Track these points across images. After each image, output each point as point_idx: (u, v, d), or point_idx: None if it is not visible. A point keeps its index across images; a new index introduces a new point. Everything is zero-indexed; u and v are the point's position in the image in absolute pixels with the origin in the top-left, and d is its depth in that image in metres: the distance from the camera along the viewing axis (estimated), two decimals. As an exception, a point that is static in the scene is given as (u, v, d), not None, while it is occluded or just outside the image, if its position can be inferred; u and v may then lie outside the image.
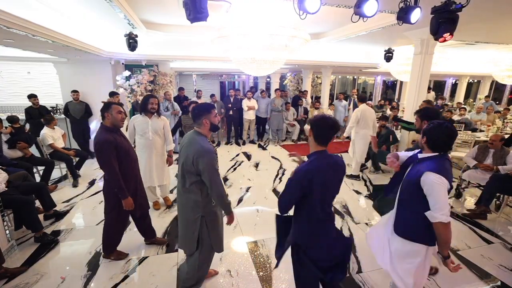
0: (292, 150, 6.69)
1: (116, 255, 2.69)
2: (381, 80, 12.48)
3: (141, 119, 3.29)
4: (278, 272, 2.52)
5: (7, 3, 2.55)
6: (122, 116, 2.42)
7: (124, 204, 2.40)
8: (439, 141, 1.63)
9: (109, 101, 2.50)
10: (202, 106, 1.97)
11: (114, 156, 2.30)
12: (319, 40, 5.76)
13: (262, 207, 3.83)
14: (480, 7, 3.08)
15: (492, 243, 3.07)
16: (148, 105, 3.24)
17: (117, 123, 2.40)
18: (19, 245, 2.87)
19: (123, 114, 2.42)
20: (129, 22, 4.05)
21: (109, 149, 2.28)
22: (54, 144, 4.43)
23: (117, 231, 2.63)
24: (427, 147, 1.70)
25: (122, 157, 2.38)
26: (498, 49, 6.63)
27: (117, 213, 2.50)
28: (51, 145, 4.42)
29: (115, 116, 2.36)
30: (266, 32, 3.38)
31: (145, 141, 3.34)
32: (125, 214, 2.56)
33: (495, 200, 3.81)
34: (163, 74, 6.56)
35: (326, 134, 1.57)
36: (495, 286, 2.43)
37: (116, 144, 2.32)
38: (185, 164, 1.85)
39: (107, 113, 2.36)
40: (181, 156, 1.92)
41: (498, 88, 13.14)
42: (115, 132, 2.40)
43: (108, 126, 2.37)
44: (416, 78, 4.64)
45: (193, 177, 1.86)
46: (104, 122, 2.40)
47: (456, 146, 5.74)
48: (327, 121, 1.56)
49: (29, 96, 5.30)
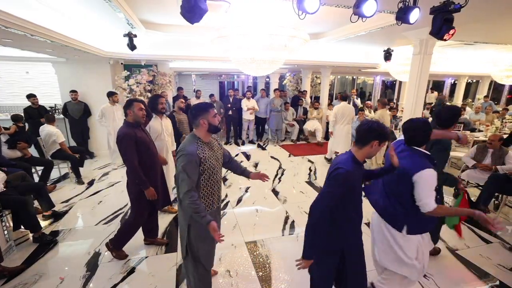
0: (291, 151, 6.75)
1: (119, 254, 2.69)
2: (380, 80, 12.49)
3: (154, 120, 3.27)
4: (277, 272, 2.52)
5: (5, 2, 2.54)
6: (143, 113, 2.52)
7: (147, 194, 2.49)
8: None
9: (131, 99, 2.60)
10: (199, 105, 1.82)
11: (133, 149, 2.40)
12: (318, 40, 5.76)
13: (262, 207, 3.83)
14: (478, 7, 3.09)
15: (491, 242, 3.08)
16: (158, 105, 3.22)
17: (139, 119, 2.50)
18: (18, 246, 2.86)
19: (144, 110, 2.52)
20: (128, 22, 4.04)
21: (129, 141, 2.38)
22: (64, 143, 4.43)
23: (135, 227, 2.69)
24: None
25: (142, 151, 2.48)
26: (497, 49, 6.65)
27: (139, 206, 2.58)
28: (62, 143, 4.41)
29: (137, 113, 2.47)
30: (266, 32, 3.38)
31: (160, 143, 3.28)
32: (146, 207, 2.60)
33: (493, 200, 3.81)
34: (162, 74, 6.54)
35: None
36: (493, 285, 2.43)
37: (136, 138, 2.43)
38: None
39: (129, 110, 2.47)
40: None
41: (496, 88, 13.17)
42: (136, 127, 2.50)
43: (130, 122, 2.49)
44: (415, 78, 4.64)
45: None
46: (127, 118, 2.52)
47: (455, 146, 5.75)
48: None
49: (28, 96, 5.28)
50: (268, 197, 4.16)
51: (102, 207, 3.77)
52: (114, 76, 6.21)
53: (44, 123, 4.47)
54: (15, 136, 4.02)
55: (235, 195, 4.19)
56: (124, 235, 2.68)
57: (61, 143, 4.41)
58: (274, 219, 3.47)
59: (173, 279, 2.43)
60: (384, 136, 1.56)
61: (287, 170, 5.34)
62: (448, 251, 2.89)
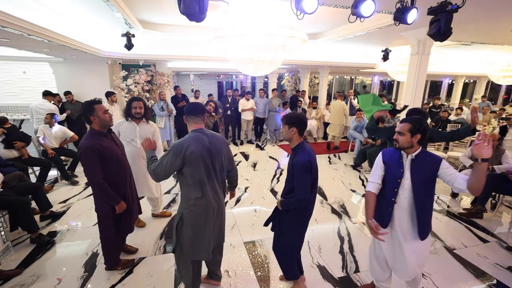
0: (290, 151, 6.74)
1: (122, 265, 2.55)
2: (378, 80, 12.53)
3: (127, 124, 2.96)
4: (276, 272, 2.52)
5: (2, 2, 2.53)
6: (110, 115, 2.24)
7: (118, 209, 2.26)
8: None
9: (88, 101, 2.24)
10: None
11: (97, 164, 2.12)
12: (316, 40, 5.78)
13: (260, 207, 3.83)
14: (475, 8, 3.11)
15: (488, 242, 3.10)
16: (131, 110, 2.91)
17: (107, 124, 2.23)
18: (15, 247, 2.84)
19: (109, 112, 2.25)
20: (126, 21, 4.03)
21: (92, 156, 2.09)
22: (46, 145, 4.43)
23: (112, 239, 2.39)
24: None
25: (110, 162, 2.20)
26: (494, 50, 6.70)
27: (106, 224, 2.32)
28: (74, 136, 4.72)
29: (103, 118, 2.19)
30: (264, 32, 3.38)
31: (133, 149, 2.96)
32: (113, 224, 2.34)
33: (490, 199, 3.84)
34: (160, 74, 6.53)
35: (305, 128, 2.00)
36: (491, 284, 2.45)
37: (102, 150, 2.14)
38: None
39: (93, 117, 2.16)
40: None
41: (493, 88, 13.26)
42: (104, 136, 2.23)
43: (96, 129, 2.20)
44: (413, 78, 4.67)
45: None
46: (92, 126, 2.21)
47: (453, 146, 5.78)
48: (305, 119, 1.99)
49: (65, 93, 5.70)
50: (266, 197, 4.16)
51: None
52: (112, 76, 6.19)
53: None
54: (7, 136, 3.99)
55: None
56: (109, 251, 2.45)
57: (73, 137, 4.79)
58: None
59: (171, 280, 2.43)
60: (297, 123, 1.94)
61: (285, 170, 5.34)
62: (445, 250, 2.90)
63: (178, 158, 1.75)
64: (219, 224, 2.03)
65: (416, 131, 1.73)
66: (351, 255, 2.80)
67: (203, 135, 1.87)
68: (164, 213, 3.50)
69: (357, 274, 2.53)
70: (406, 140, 1.75)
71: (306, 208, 1.99)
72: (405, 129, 1.75)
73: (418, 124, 1.74)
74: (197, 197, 1.84)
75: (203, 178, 1.83)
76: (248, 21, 3.13)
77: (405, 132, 1.75)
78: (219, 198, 1.96)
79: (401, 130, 1.77)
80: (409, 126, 1.74)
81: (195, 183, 1.82)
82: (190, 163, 1.78)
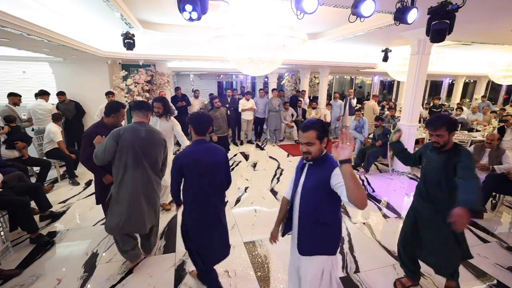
0: (292, 151, 6.75)
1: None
2: (378, 80, 12.53)
3: (153, 119, 3.40)
4: (276, 272, 2.52)
5: (2, 1, 2.52)
6: (124, 119, 2.68)
7: (105, 181, 2.52)
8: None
9: (119, 103, 2.61)
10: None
11: (87, 147, 2.41)
12: (316, 40, 5.77)
13: (260, 207, 3.83)
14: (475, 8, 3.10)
15: (488, 242, 3.09)
16: (154, 108, 3.36)
17: (117, 125, 2.56)
18: (14, 247, 2.84)
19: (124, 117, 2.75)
20: (126, 21, 4.03)
21: (87, 140, 2.41)
22: (61, 142, 4.42)
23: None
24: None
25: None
26: (494, 50, 6.70)
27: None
28: (59, 142, 4.43)
29: (119, 119, 2.56)
30: (264, 32, 3.38)
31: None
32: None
33: (491, 199, 3.83)
34: (160, 74, 6.53)
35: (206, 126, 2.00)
36: (491, 284, 2.45)
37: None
38: None
39: (113, 115, 2.51)
40: None
41: (494, 88, 13.25)
42: (107, 129, 2.45)
43: (106, 124, 2.51)
44: (413, 78, 4.67)
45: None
46: (106, 119, 2.52)
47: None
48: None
49: (57, 94, 5.55)
50: (266, 197, 4.16)
51: (99, 208, 3.72)
52: (112, 76, 6.18)
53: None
54: (10, 135, 4.00)
55: (233, 195, 4.18)
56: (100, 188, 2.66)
57: (59, 142, 4.40)
58: (272, 219, 3.43)
59: (171, 280, 2.42)
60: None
61: (285, 170, 5.34)
62: (446, 251, 2.90)
63: (113, 141, 2.14)
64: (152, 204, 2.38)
65: (323, 136, 1.51)
66: (351, 255, 2.80)
67: (141, 127, 2.25)
68: (165, 205, 3.61)
69: (357, 274, 2.53)
70: (318, 148, 1.50)
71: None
72: (313, 137, 1.48)
73: (321, 127, 1.50)
74: (121, 177, 2.20)
75: (129, 162, 2.18)
76: (248, 21, 3.13)
77: (314, 141, 1.49)
78: (149, 181, 2.30)
79: (308, 140, 1.49)
80: (315, 133, 1.48)
81: (120, 165, 2.19)
82: (120, 148, 2.14)
